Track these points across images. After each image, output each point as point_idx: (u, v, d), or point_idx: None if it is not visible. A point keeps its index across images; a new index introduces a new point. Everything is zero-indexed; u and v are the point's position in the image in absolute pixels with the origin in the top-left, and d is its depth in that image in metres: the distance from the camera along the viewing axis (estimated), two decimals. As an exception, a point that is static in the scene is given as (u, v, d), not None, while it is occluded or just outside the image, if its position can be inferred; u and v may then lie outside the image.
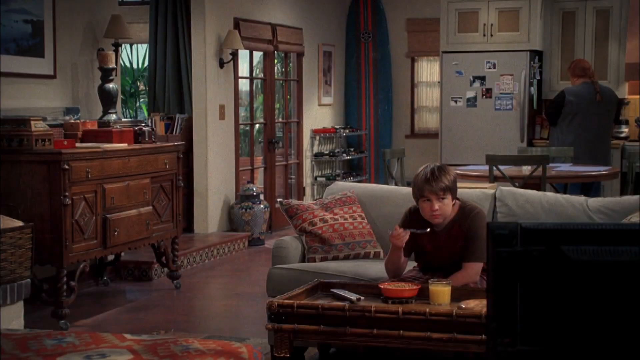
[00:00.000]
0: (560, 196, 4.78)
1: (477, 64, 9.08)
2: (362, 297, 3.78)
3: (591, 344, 1.71)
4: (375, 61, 11.00)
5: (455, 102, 9.18)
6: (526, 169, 6.82)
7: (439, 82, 9.75)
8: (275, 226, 9.27)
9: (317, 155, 10.35)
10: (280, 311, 3.65)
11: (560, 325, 1.72)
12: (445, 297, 3.72)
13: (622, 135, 9.04)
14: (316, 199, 5.85)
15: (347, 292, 3.83)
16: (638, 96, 9.20)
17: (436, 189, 3.96)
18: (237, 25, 8.61)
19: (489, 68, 9.03)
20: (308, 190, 10.26)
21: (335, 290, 3.89)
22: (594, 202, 4.60)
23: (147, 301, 6.29)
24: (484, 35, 9.10)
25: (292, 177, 10.15)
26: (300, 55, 10.00)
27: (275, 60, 9.71)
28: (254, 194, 8.54)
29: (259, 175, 9.64)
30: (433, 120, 11.00)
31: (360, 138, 11.09)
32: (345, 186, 5.15)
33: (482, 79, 9.06)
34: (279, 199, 9.47)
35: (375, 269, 4.39)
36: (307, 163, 10.27)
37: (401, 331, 3.56)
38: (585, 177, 6.91)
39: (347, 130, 10.65)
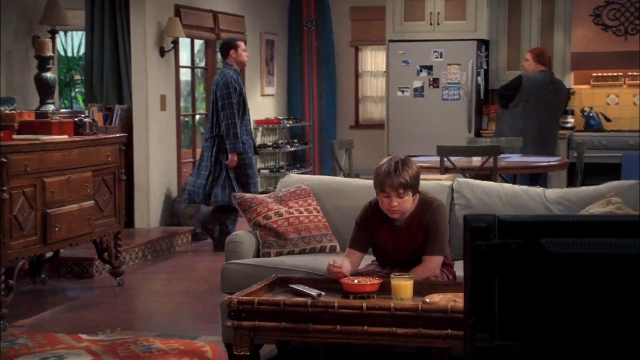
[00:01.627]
0: (517, 187, 4.73)
1: (423, 53, 8.97)
2: (322, 293, 3.69)
3: (570, 338, 1.67)
4: (318, 50, 10.85)
5: (402, 92, 9.06)
6: (476, 160, 6.73)
7: (384, 71, 9.63)
8: (219, 219, 9.04)
9: (260, 147, 10.15)
10: (240, 308, 3.52)
11: (539, 319, 1.67)
12: (407, 292, 3.67)
13: (568, 125, 9.03)
14: (268, 192, 5.66)
15: (306, 287, 3.75)
16: (583, 86, 9.21)
17: (396, 184, 3.85)
18: (177, 13, 8.37)
19: (436, 57, 8.92)
20: (251, 183, 10.06)
21: (294, 286, 3.80)
22: (551, 193, 4.61)
23: (89, 299, 6.07)
24: (431, 24, 8.99)
25: (236, 169, 9.93)
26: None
27: (217, 49, 9.49)
28: (197, 186, 8.30)
29: (201, 167, 9.40)
30: (378, 110, 10.90)
31: (304, 129, 10.93)
32: (300, 179, 5.02)
33: (429, 68, 8.96)
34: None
35: (332, 263, 4.25)
36: (250, 155, 10.07)
37: (365, 327, 3.50)
38: (536, 167, 6.87)
39: (291, 121, 10.48)
